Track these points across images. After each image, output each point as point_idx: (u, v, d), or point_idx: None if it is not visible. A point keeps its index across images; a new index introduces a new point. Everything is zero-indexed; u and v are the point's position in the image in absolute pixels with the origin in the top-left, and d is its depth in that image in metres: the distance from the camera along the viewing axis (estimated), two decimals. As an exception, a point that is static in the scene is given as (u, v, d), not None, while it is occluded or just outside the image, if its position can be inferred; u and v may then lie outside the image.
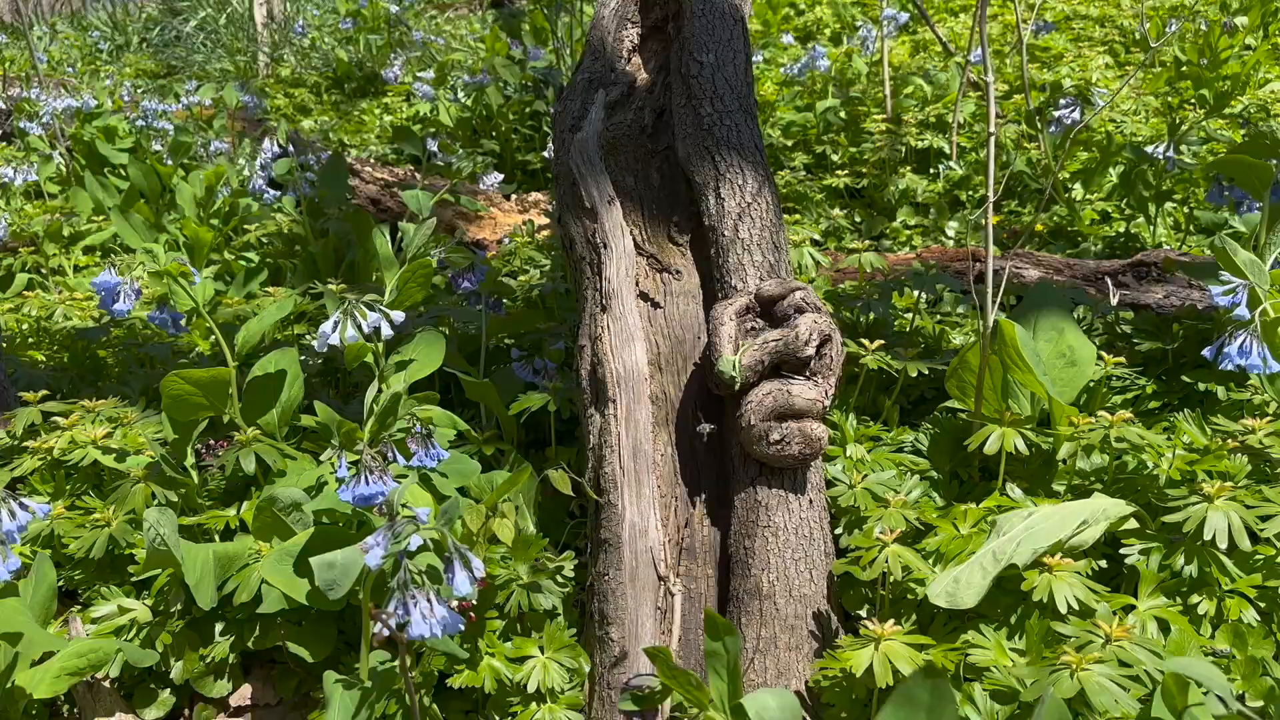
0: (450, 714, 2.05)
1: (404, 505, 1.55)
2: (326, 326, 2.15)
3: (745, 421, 2.18)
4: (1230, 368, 1.93)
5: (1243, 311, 2.00)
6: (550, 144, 5.01)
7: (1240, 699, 1.79)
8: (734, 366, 2.19)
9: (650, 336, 2.38)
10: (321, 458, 2.16)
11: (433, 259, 2.42)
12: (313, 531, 2.07)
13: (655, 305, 2.43)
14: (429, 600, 1.48)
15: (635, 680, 1.84)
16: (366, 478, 1.79)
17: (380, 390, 2.18)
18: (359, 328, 2.13)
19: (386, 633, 1.42)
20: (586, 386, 2.30)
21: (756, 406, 2.18)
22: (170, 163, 5.35)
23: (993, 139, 2.25)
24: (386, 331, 2.17)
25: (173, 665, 2.17)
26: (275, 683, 2.22)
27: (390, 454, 1.85)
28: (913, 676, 0.88)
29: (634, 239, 2.41)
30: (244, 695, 2.22)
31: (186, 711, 2.22)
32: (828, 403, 2.23)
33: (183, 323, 3.00)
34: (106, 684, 2.18)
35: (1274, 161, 2.64)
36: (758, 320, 2.28)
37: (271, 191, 4.24)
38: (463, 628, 1.52)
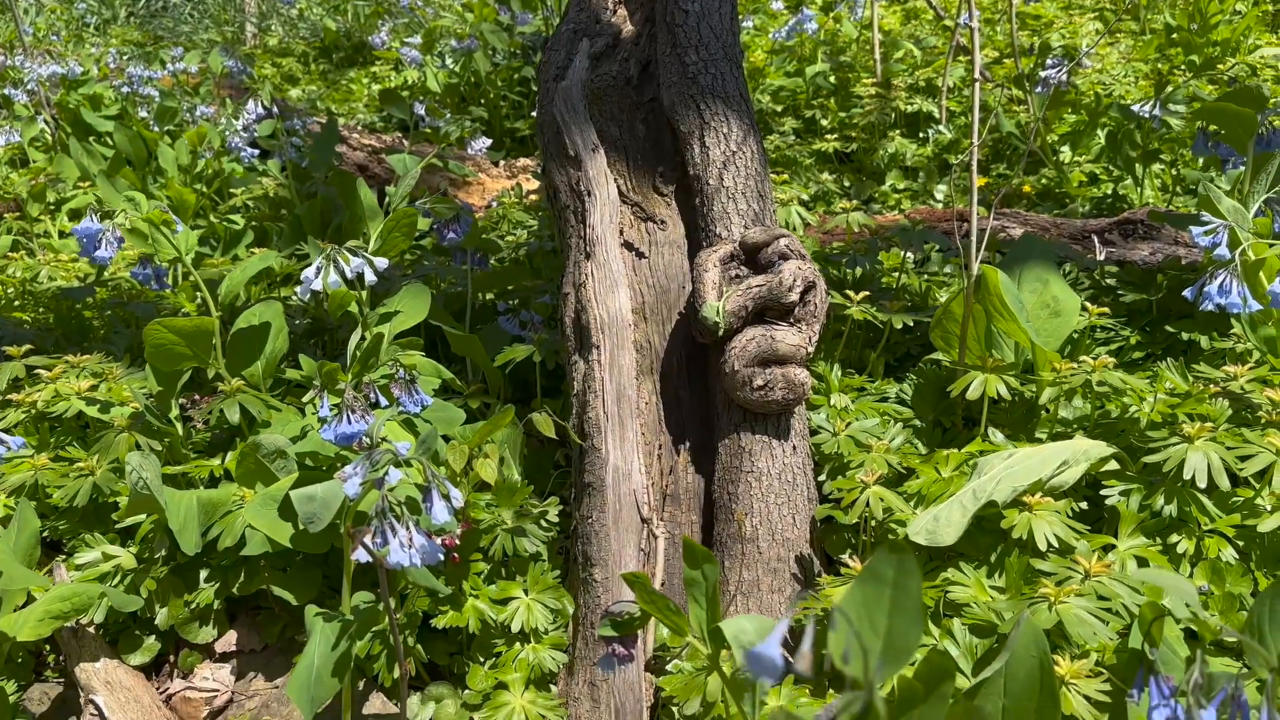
0: (435, 655, 2.06)
1: (383, 439, 1.55)
2: (309, 272, 2.14)
3: (729, 367, 2.18)
4: (1210, 308, 1.94)
5: (1223, 252, 2.01)
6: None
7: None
8: (718, 312, 2.19)
9: (635, 286, 2.37)
10: (305, 398, 2.15)
11: (417, 209, 2.40)
12: (296, 476, 2.07)
13: (640, 255, 2.42)
14: (408, 529, 1.48)
15: (615, 607, 1.85)
16: (348, 417, 1.79)
17: (364, 337, 2.17)
18: (342, 273, 2.12)
19: (366, 557, 1.42)
20: (570, 333, 2.29)
21: (740, 352, 2.18)
22: (156, 129, 5.31)
23: (977, 85, 2.25)
24: (370, 277, 2.16)
25: (157, 611, 2.17)
26: (260, 628, 2.23)
27: (373, 395, 1.84)
28: (878, 554, 0.89)
29: (618, 188, 2.41)
30: (229, 641, 2.22)
31: (171, 657, 2.23)
32: (811, 349, 2.23)
33: (166, 279, 2.99)
34: (91, 630, 2.18)
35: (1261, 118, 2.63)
36: (742, 268, 2.28)
37: (251, 150, 4.21)
38: (442, 557, 1.53)
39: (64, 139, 5.74)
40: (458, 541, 1.99)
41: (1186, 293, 2.00)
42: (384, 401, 1.93)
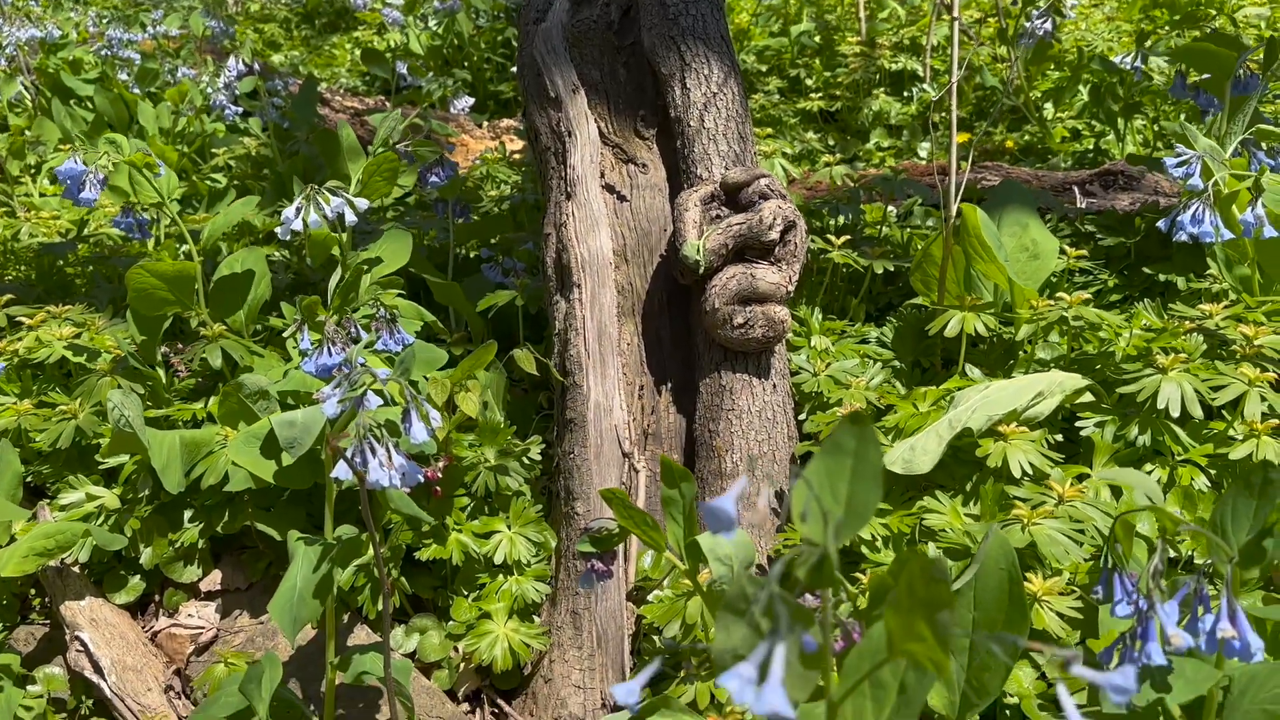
0: (419, 589, 2.08)
1: (363, 364, 1.55)
2: (289, 211, 2.14)
3: (709, 306, 2.20)
4: (1183, 237, 1.95)
5: (1196, 182, 2.03)
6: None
7: (1190, 559, 1.84)
8: (698, 251, 2.20)
9: (616, 229, 2.38)
10: (286, 333, 2.16)
11: (399, 153, 2.40)
12: (278, 414, 2.08)
13: (621, 198, 2.43)
14: (387, 450, 1.49)
15: (593, 523, 1.88)
16: (329, 349, 1.79)
17: (344, 276, 2.17)
18: (322, 213, 2.12)
19: (346, 474, 1.43)
20: (552, 274, 2.30)
21: (720, 290, 2.19)
22: (137, 92, 5.26)
23: (956, 21, 2.25)
24: (350, 217, 2.16)
25: (142, 551, 2.18)
26: (245, 567, 2.24)
27: (353, 329, 1.85)
28: (839, 425, 0.91)
29: (599, 130, 2.41)
30: (214, 580, 2.23)
31: (157, 597, 2.24)
32: (791, 288, 2.25)
33: (149, 229, 2.98)
34: (75, 569, 2.20)
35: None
36: (723, 208, 2.29)
37: (233, 107, 4.18)
38: (421, 479, 1.54)
39: (44, 104, 5.69)
40: (440, 475, 2.00)
41: (1160, 224, 2.02)
42: (365, 337, 1.94)
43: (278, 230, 2.16)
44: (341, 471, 1.45)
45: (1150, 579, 1.12)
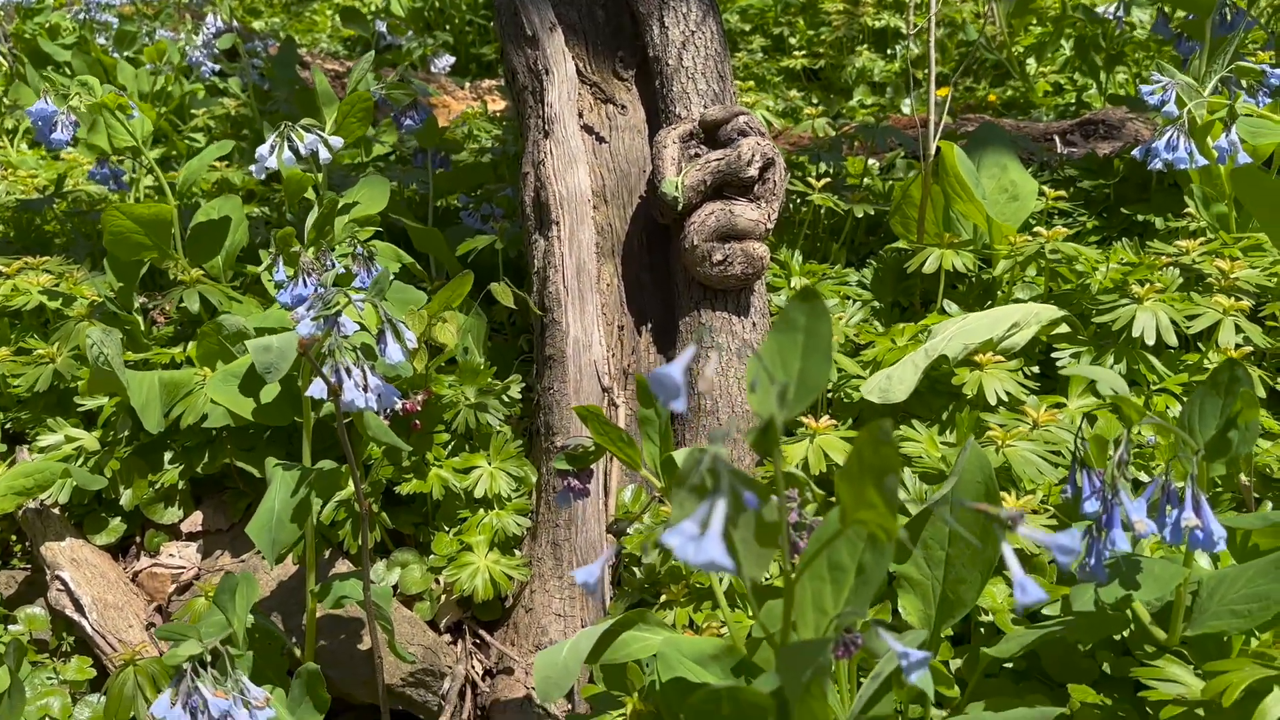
0: (400, 526, 2.09)
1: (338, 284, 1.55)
2: (264, 149, 2.12)
3: (689, 243, 2.20)
4: (1158, 165, 1.96)
5: (1171, 109, 2.03)
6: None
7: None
8: (677, 187, 2.20)
9: (595, 170, 2.37)
10: (262, 266, 2.15)
11: (373, 95, 2.38)
12: (255, 339, 2.07)
13: (600, 139, 2.42)
14: (362, 371, 1.49)
15: (570, 441, 1.88)
16: (304, 279, 1.79)
17: (320, 211, 2.16)
18: (295, 150, 2.11)
19: (322, 392, 1.43)
20: (530, 213, 2.30)
21: (699, 227, 2.19)
22: (116, 55, 5.20)
23: (934, -43, 2.24)
24: (324, 155, 2.15)
25: (122, 493, 2.18)
26: (226, 508, 2.24)
27: (328, 260, 1.84)
28: (790, 302, 0.91)
29: (577, 68, 2.39)
30: (195, 522, 2.23)
31: (138, 539, 2.24)
32: (770, 225, 2.25)
33: (125, 179, 2.96)
34: (56, 511, 2.19)
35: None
36: (701, 146, 2.28)
37: (212, 65, 4.14)
38: (397, 401, 1.54)
39: (21, 70, 5.62)
40: (419, 408, 2.01)
41: (1135, 152, 2.02)
42: (340, 269, 1.93)
43: (252, 169, 2.15)
44: (316, 390, 1.45)
45: (1115, 469, 1.13)
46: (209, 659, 1.29)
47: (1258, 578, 1.29)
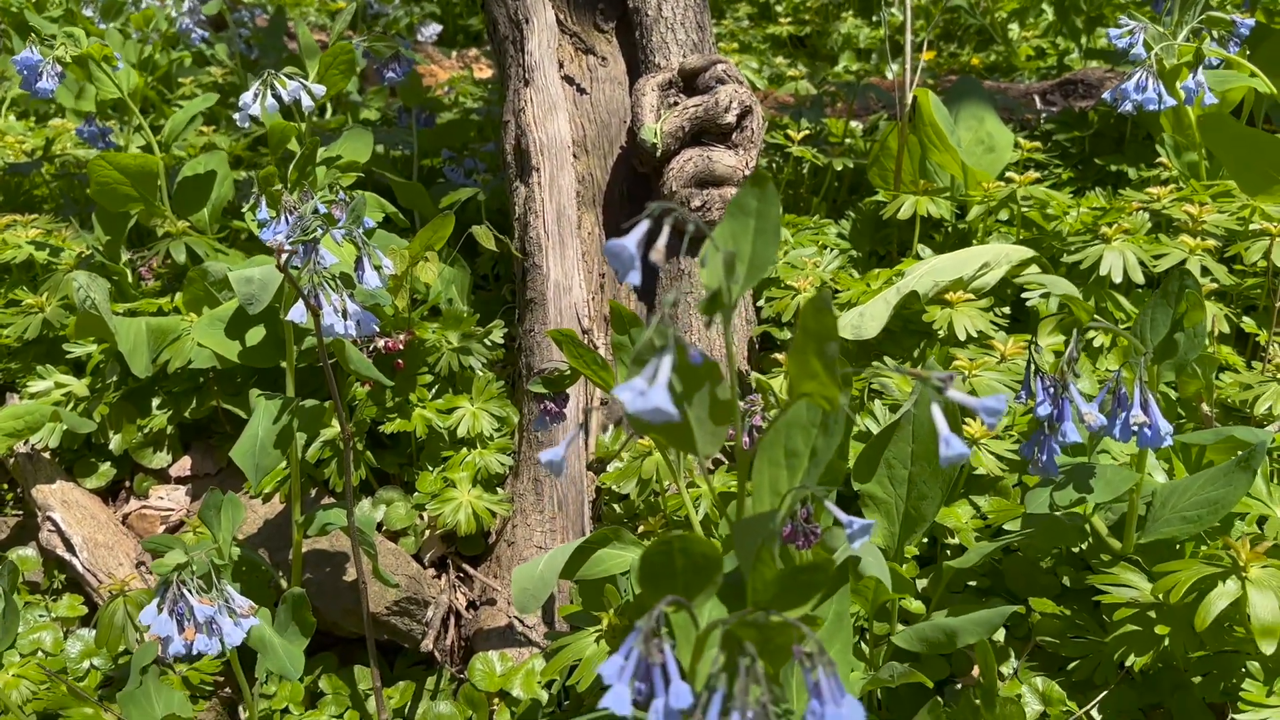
0: (385, 466, 2.13)
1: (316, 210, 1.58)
2: (247, 96, 2.15)
3: (667, 189, 2.23)
4: (1129, 108, 2.00)
5: (1140, 51, 2.07)
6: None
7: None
8: (655, 134, 2.23)
9: (576, 120, 2.40)
10: (245, 207, 2.18)
11: (354, 47, 2.41)
12: (237, 271, 2.10)
13: (581, 90, 2.45)
14: (342, 298, 1.52)
15: (545, 365, 1.92)
16: (286, 217, 1.82)
17: (302, 152, 2.19)
18: (278, 98, 2.14)
19: (303, 316, 1.47)
20: (511, 160, 2.33)
21: (678, 173, 2.23)
22: (104, 27, 5.20)
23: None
24: (307, 103, 2.18)
25: (111, 438, 2.22)
26: (214, 453, 2.28)
27: (310, 199, 1.87)
28: (743, 188, 0.95)
29: (557, 18, 2.42)
30: (184, 466, 2.27)
31: (127, 484, 2.28)
32: (748, 171, 2.28)
33: (112, 138, 2.98)
34: (46, 455, 2.23)
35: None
36: (680, 95, 2.32)
37: (200, 31, 4.16)
38: (377, 328, 1.58)
39: (8, 44, 5.62)
40: (401, 347, 2.04)
41: (1106, 95, 2.06)
42: (323, 210, 1.96)
43: (236, 116, 2.18)
44: (297, 314, 1.48)
45: (1065, 365, 1.18)
46: (195, 570, 1.33)
47: (1207, 485, 1.34)
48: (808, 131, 2.70)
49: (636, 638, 0.82)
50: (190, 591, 1.30)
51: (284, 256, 1.31)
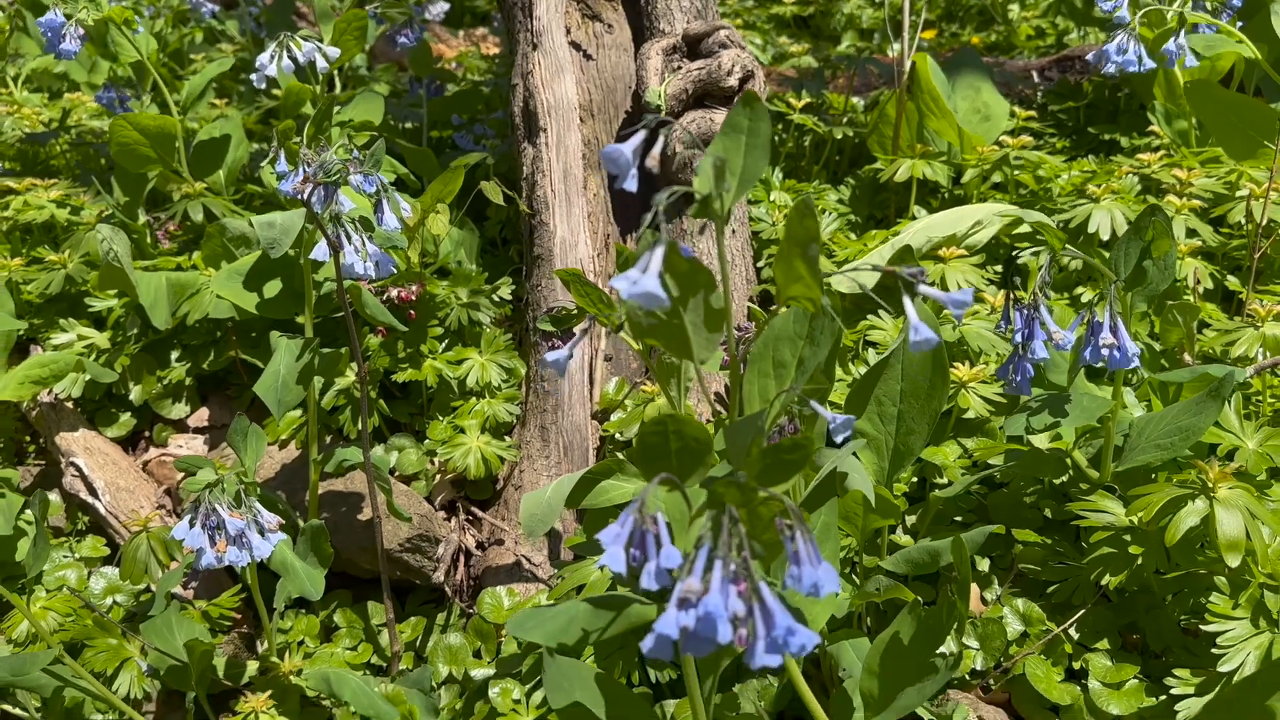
0: (397, 415, 2.20)
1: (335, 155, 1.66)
2: (264, 57, 2.22)
3: (670, 151, 2.30)
4: (1110, 70, 2.06)
5: (1123, 15, 2.13)
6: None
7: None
8: (659, 96, 2.30)
9: (582, 85, 2.47)
10: (264, 161, 2.25)
11: (367, 13, 2.48)
12: (260, 252, 2.18)
13: (587, 56, 2.52)
14: (362, 238, 1.60)
15: (552, 304, 1.98)
16: (304, 169, 1.89)
17: (317, 109, 2.26)
18: (294, 59, 2.21)
19: (325, 254, 1.54)
20: (519, 122, 2.40)
21: (681, 135, 2.29)
22: (115, 4, 5.28)
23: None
24: (321, 64, 2.25)
25: (131, 389, 2.30)
26: (231, 404, 2.36)
27: (326, 153, 1.94)
28: (735, 107, 1.03)
29: (564, -16, 2.49)
30: (202, 417, 2.35)
31: (147, 433, 2.36)
32: (749, 135, 2.35)
33: (130, 104, 3.06)
34: (69, 405, 2.31)
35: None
36: (684, 59, 2.39)
37: (210, 7, 4.23)
38: (394, 270, 1.65)
39: (21, 23, 5.69)
40: (414, 297, 2.12)
41: (1089, 57, 2.12)
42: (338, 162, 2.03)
43: (252, 77, 2.25)
44: (320, 252, 1.56)
45: (1037, 288, 1.25)
46: (225, 489, 1.41)
47: (1180, 415, 1.41)
48: (810, 101, 2.76)
49: (632, 508, 0.90)
50: (221, 506, 1.38)
51: (308, 189, 1.38)
